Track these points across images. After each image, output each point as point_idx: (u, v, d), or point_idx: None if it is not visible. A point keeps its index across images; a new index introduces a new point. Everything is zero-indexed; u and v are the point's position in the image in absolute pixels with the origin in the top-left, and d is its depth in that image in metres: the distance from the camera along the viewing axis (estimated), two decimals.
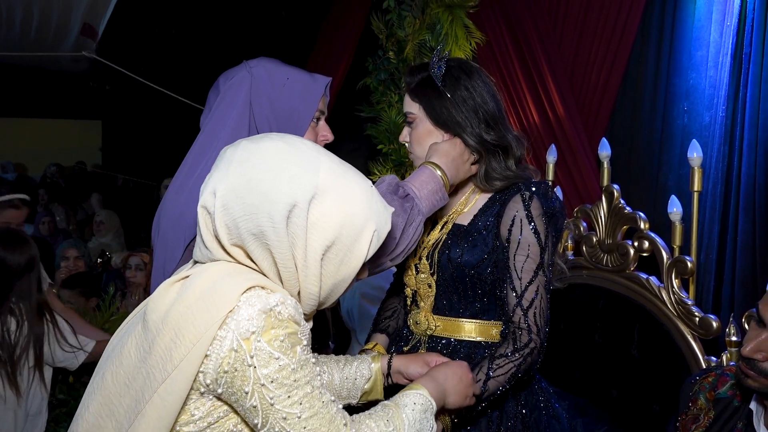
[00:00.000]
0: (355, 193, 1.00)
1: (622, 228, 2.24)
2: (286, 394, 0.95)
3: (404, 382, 1.35)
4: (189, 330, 0.94)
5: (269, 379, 0.94)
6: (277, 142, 1.01)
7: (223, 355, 0.93)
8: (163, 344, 0.95)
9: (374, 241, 1.02)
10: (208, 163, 1.35)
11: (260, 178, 0.96)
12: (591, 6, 2.60)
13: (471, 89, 1.48)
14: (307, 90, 1.41)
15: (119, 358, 1.00)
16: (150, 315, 0.99)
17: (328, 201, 0.98)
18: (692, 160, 2.10)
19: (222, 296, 0.95)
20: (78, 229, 6.37)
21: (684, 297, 2.02)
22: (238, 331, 0.93)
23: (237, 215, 0.97)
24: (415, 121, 1.52)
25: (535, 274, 1.44)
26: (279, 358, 0.94)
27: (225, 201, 0.97)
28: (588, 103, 2.63)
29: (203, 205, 1.00)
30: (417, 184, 1.39)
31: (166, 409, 0.94)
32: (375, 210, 1.02)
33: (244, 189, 0.96)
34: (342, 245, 1.00)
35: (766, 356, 1.20)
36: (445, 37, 2.93)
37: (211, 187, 0.99)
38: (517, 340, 1.42)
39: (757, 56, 2.08)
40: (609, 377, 2.21)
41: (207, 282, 0.97)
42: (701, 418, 1.34)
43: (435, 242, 1.55)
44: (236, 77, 1.40)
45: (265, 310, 0.94)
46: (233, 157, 0.99)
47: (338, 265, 1.01)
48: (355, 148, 3.82)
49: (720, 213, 2.22)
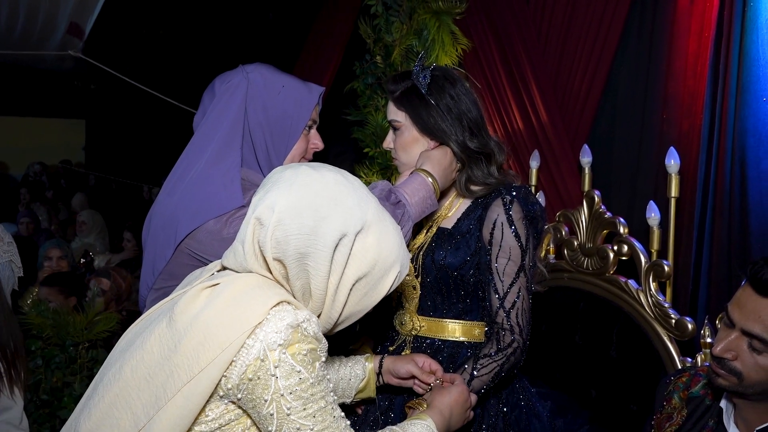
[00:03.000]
0: (391, 235, 1.09)
1: (603, 232, 2.29)
2: (303, 407, 1.00)
3: (395, 381, 1.42)
4: (218, 335, 0.98)
5: (289, 390, 0.99)
6: (336, 174, 1.09)
7: (248, 362, 0.98)
8: (190, 345, 0.99)
9: (397, 280, 1.10)
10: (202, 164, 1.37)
11: (320, 203, 1.03)
12: (575, 15, 2.65)
13: (455, 97, 1.52)
14: (302, 98, 1.44)
15: (140, 352, 1.04)
16: (179, 316, 1.03)
17: (371, 237, 1.06)
18: (669, 166, 2.16)
19: (253, 307, 1.00)
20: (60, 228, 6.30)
21: (661, 300, 2.07)
22: (265, 341, 0.98)
23: (290, 232, 1.03)
24: (401, 129, 1.55)
25: (516, 276, 1.48)
26: (300, 372, 0.99)
27: (282, 217, 1.03)
28: (571, 109, 2.68)
29: (257, 216, 1.05)
30: (409, 191, 1.42)
31: (188, 408, 0.99)
32: (403, 252, 1.11)
33: (305, 210, 1.03)
34: (372, 278, 1.07)
35: (735, 355, 1.24)
36: (432, 42, 2.96)
37: (270, 201, 1.04)
38: (500, 341, 1.46)
39: (734, 66, 2.14)
40: (588, 378, 2.25)
41: (238, 291, 1.03)
42: (674, 416, 1.38)
43: (420, 246, 1.59)
44: (233, 81, 1.42)
45: (293, 325, 1.00)
46: (295, 179, 1.06)
47: (362, 296, 1.09)
48: (341, 152, 3.84)
49: (697, 219, 2.27)
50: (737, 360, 1.24)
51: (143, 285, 1.44)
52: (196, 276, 1.17)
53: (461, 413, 1.29)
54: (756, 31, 2.08)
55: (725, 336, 1.26)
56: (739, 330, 1.23)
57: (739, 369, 1.24)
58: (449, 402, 1.27)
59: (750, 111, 2.10)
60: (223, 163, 1.37)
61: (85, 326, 2.70)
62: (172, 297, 1.11)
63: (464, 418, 1.30)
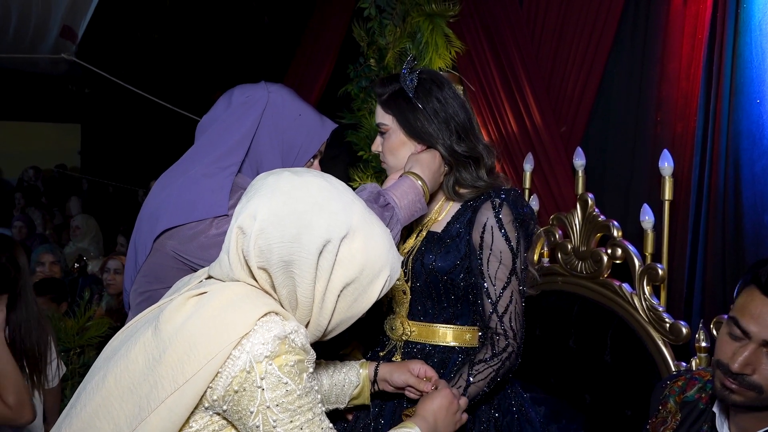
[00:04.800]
0: (378, 239, 1.07)
1: (596, 236, 2.27)
2: (289, 419, 0.98)
3: (389, 389, 1.41)
4: (204, 346, 0.96)
5: (275, 402, 0.97)
6: (320, 179, 1.06)
7: (234, 374, 0.96)
8: (175, 355, 0.97)
9: (387, 284, 1.08)
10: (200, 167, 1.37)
11: (303, 210, 1.01)
12: (568, 17, 2.65)
13: (443, 101, 1.51)
14: (315, 131, 1.47)
15: (125, 361, 1.01)
16: (164, 325, 1.01)
17: (357, 242, 1.03)
18: (663, 169, 2.15)
19: (240, 317, 0.98)
20: (55, 233, 6.28)
21: (655, 303, 2.06)
22: (252, 353, 0.96)
23: (273, 241, 1.01)
24: (388, 132, 1.55)
25: (508, 280, 1.47)
26: (287, 384, 0.97)
27: (264, 225, 1.01)
28: (564, 112, 2.67)
29: (240, 225, 1.03)
30: (398, 193, 1.42)
31: (172, 420, 0.97)
32: (392, 256, 1.09)
33: (287, 218, 1.01)
34: (360, 284, 1.05)
35: (754, 369, 1.16)
36: (426, 45, 2.95)
37: (252, 209, 1.02)
38: (495, 346, 1.45)
39: (727, 69, 2.13)
40: (582, 382, 2.23)
41: (225, 301, 1.01)
42: (668, 420, 1.37)
43: (410, 250, 1.58)
44: (253, 96, 1.44)
45: (281, 336, 0.98)
46: (277, 186, 1.03)
47: (351, 303, 1.06)
48: (335, 155, 3.83)
49: (691, 221, 2.26)
50: (756, 373, 1.16)
51: (127, 276, 1.44)
52: (185, 282, 1.15)
53: (447, 418, 1.26)
54: (749, 33, 2.07)
55: (741, 350, 1.17)
56: (757, 342, 1.15)
57: (758, 383, 1.16)
58: (433, 408, 1.24)
59: (744, 113, 2.09)
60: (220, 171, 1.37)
61: (77, 332, 2.68)
62: (160, 304, 1.09)
63: (454, 422, 1.28)
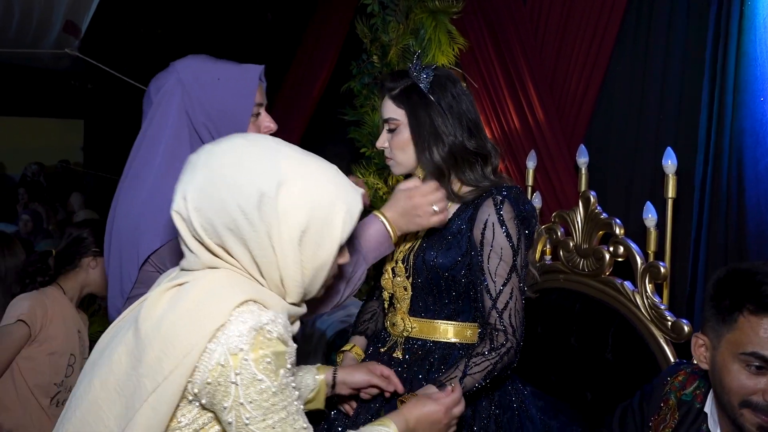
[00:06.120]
0: (320, 178, 1.03)
1: (598, 233, 2.27)
2: (262, 417, 0.96)
3: (348, 392, 1.41)
4: (180, 341, 0.95)
5: (249, 399, 0.95)
6: (236, 139, 1.04)
7: (210, 368, 0.94)
8: (154, 354, 0.96)
9: (347, 219, 1.04)
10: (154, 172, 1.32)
11: (224, 173, 0.99)
12: (571, 14, 2.64)
13: (456, 96, 1.52)
14: (240, 86, 1.35)
15: (109, 365, 1.00)
16: (142, 323, 0.99)
17: (295, 188, 1.00)
18: (667, 167, 2.14)
19: (214, 309, 0.96)
20: (58, 228, 6.29)
21: (657, 301, 2.05)
22: (227, 345, 0.94)
23: (210, 213, 0.99)
24: (399, 128, 1.53)
25: (508, 277, 1.46)
26: (262, 380, 0.95)
27: (196, 203, 1.00)
28: (567, 109, 2.66)
29: (176, 210, 1.02)
30: (366, 235, 1.40)
31: (157, 418, 0.96)
32: (343, 190, 1.05)
33: (212, 187, 0.99)
34: (316, 228, 1.02)
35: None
36: (429, 42, 2.95)
37: (181, 192, 1.01)
38: (493, 340, 1.45)
39: (731, 66, 2.12)
40: (584, 380, 2.23)
41: (201, 293, 0.99)
42: (668, 418, 1.36)
43: (411, 246, 1.57)
44: (166, 86, 1.36)
45: (256, 327, 0.95)
46: (197, 162, 1.02)
47: (316, 249, 1.03)
48: (338, 152, 3.83)
49: (694, 220, 2.26)
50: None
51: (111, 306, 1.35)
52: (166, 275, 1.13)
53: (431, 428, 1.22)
54: (754, 30, 2.06)
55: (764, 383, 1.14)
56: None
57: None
58: (417, 414, 1.21)
59: (747, 111, 2.08)
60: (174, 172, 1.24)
61: None
62: (141, 300, 1.07)
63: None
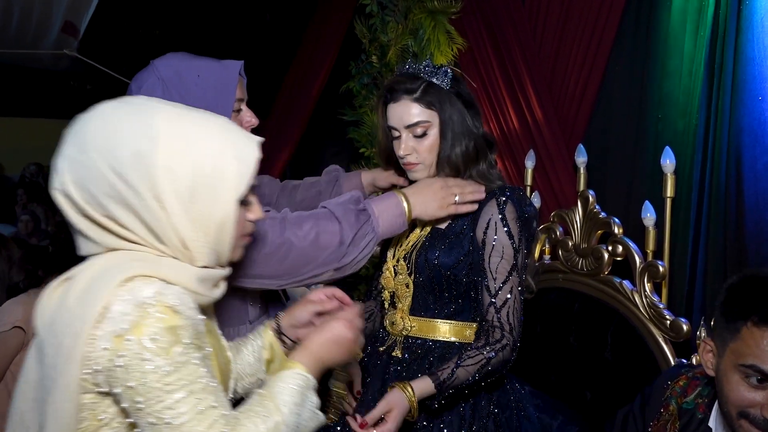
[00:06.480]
0: (201, 130, 0.97)
1: (597, 233, 2.27)
2: (156, 399, 0.88)
3: (301, 333, 1.23)
4: (67, 333, 0.89)
5: (139, 382, 0.87)
6: (107, 102, 0.98)
7: (98, 354, 0.89)
8: (50, 354, 0.91)
9: (243, 171, 0.98)
10: None
11: (92, 137, 0.93)
12: (570, 14, 2.64)
13: (468, 92, 1.55)
14: (220, 83, 1.36)
15: (25, 374, 0.97)
16: (36, 322, 0.95)
17: (175, 143, 0.94)
18: (665, 166, 2.14)
19: (98, 292, 0.90)
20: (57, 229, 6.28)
21: (656, 300, 2.06)
22: (111, 328, 0.88)
23: (87, 183, 0.93)
24: (428, 129, 1.51)
25: (509, 275, 1.47)
26: (150, 359, 0.87)
27: (71, 176, 0.94)
28: (566, 109, 2.66)
29: (55, 187, 0.95)
30: (381, 206, 1.40)
31: (64, 418, 0.90)
32: (231, 140, 0.98)
33: (82, 154, 0.93)
34: (204, 182, 0.95)
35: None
36: (428, 42, 2.95)
37: (58, 168, 0.95)
38: (489, 336, 1.45)
39: (729, 65, 2.12)
40: (583, 380, 2.23)
41: (87, 279, 0.93)
42: (668, 427, 1.34)
43: (414, 244, 1.58)
44: (146, 85, 1.36)
45: (138, 303, 0.88)
46: (69, 133, 0.96)
47: (211, 204, 0.96)
48: (337, 152, 3.83)
49: (693, 219, 2.26)
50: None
51: None
52: None
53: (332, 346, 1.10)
54: (751, 29, 2.07)
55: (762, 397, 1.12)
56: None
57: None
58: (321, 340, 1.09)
59: (746, 110, 2.08)
60: None
61: None
62: None
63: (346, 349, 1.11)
